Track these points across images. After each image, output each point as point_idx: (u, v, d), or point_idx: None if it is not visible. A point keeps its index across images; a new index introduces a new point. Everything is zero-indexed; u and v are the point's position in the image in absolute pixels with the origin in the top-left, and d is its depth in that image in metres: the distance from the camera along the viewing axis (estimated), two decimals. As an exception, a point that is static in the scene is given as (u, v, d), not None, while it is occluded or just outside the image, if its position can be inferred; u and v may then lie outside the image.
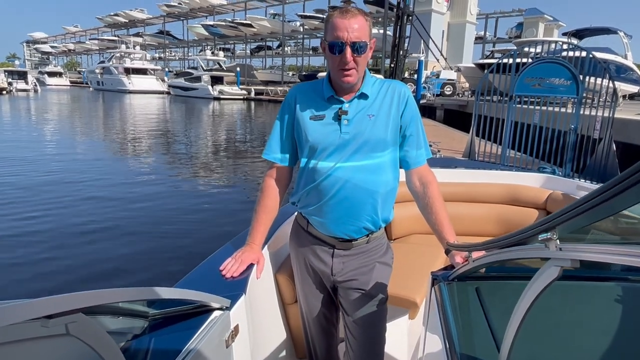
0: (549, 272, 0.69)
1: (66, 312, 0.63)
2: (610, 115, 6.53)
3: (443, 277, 1.31)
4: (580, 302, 1.17)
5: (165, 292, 0.93)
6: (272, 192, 1.60)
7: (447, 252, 1.48)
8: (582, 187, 2.74)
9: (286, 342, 1.92)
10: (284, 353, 1.90)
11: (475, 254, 1.16)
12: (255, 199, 1.64)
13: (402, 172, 1.59)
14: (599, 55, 6.83)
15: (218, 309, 1.22)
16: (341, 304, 1.64)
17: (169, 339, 1.08)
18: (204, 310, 1.19)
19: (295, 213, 1.69)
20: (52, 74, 69.42)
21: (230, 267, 1.49)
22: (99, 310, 0.90)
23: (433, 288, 1.31)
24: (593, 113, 6.75)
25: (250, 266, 1.53)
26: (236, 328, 1.28)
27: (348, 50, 1.34)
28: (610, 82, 6.39)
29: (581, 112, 6.67)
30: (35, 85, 50.42)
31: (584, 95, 6.69)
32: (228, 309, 1.25)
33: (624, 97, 18.98)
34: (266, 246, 1.76)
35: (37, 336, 0.62)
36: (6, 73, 47.94)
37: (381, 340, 1.63)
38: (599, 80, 6.57)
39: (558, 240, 0.67)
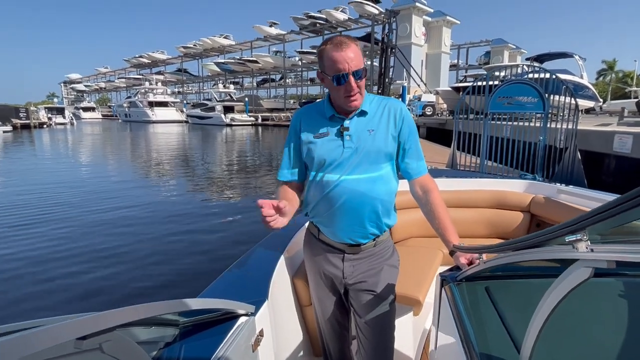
0: (578, 273, 0.61)
1: (100, 331, 0.54)
2: (574, 127, 6.53)
3: (451, 278, 1.22)
4: (602, 300, 1.05)
5: (194, 303, 0.85)
6: (288, 191, 1.48)
7: (452, 253, 1.39)
8: (562, 191, 2.65)
9: (304, 342, 1.82)
10: (302, 352, 1.80)
11: (486, 256, 1.08)
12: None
13: (403, 181, 1.51)
14: (559, 76, 6.89)
15: (244, 314, 1.13)
16: (352, 306, 1.56)
17: (199, 345, 1.00)
18: (231, 317, 1.10)
19: (307, 222, 1.61)
20: (86, 109, 70.25)
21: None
22: (132, 322, 0.81)
23: (443, 288, 1.21)
24: (558, 126, 6.74)
25: (271, 271, 1.43)
26: (261, 332, 1.19)
27: (351, 79, 1.30)
28: (572, 98, 6.40)
29: (547, 125, 6.68)
30: (72, 119, 51.11)
31: (549, 110, 6.70)
32: (253, 314, 1.16)
33: (581, 111, 19.06)
34: (283, 253, 1.68)
35: (69, 353, 0.54)
36: (46, 109, 48.79)
37: (390, 338, 1.55)
38: (561, 97, 6.61)
39: (589, 241, 0.59)
